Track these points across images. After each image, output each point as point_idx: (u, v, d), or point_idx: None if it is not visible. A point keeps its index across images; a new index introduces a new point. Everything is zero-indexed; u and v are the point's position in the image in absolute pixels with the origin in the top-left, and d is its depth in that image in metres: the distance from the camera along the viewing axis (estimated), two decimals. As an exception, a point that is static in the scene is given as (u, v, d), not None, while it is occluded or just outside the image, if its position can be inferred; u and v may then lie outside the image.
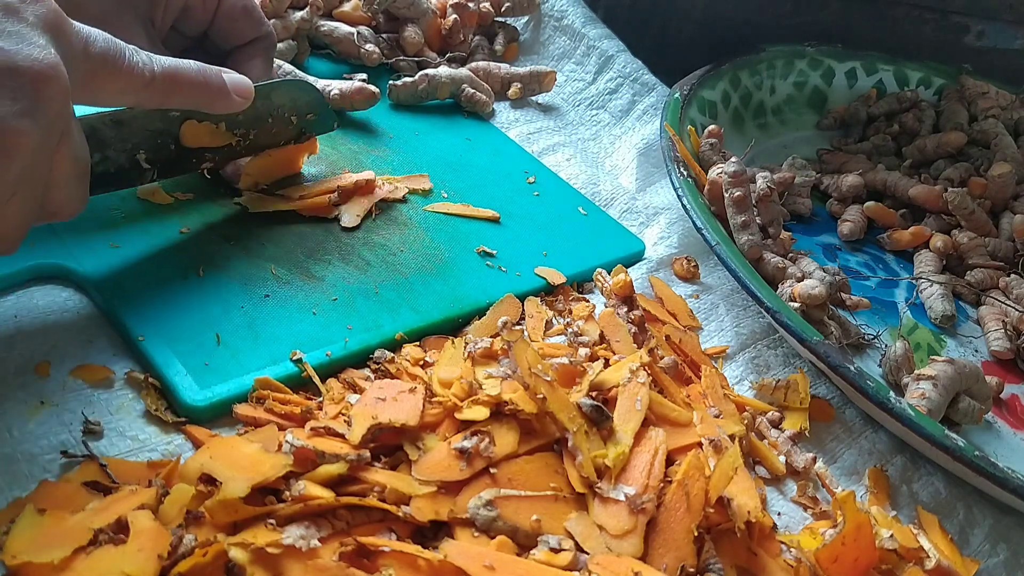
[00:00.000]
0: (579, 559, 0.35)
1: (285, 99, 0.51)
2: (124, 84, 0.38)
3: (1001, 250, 0.67)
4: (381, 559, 0.33)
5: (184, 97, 0.42)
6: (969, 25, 0.86)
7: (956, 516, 0.47)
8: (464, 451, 0.37)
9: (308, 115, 0.53)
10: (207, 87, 0.43)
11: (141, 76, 0.38)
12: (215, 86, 0.43)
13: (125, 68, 0.37)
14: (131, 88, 0.38)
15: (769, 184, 0.58)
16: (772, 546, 0.39)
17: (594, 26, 0.78)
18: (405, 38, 0.70)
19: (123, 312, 0.42)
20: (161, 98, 0.41)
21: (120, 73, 0.37)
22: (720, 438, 0.41)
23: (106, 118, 0.43)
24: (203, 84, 0.42)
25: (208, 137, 0.48)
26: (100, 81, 0.37)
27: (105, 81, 0.37)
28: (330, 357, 0.43)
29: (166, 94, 0.40)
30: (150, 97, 0.40)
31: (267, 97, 0.50)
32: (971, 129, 0.77)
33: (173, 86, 0.40)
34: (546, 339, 0.47)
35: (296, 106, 0.52)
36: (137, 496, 0.33)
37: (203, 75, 0.42)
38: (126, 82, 0.38)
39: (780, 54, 0.78)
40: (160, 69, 0.39)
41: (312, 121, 0.53)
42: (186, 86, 0.41)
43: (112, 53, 0.37)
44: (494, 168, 0.62)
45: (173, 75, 0.40)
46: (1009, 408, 0.56)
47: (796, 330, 0.47)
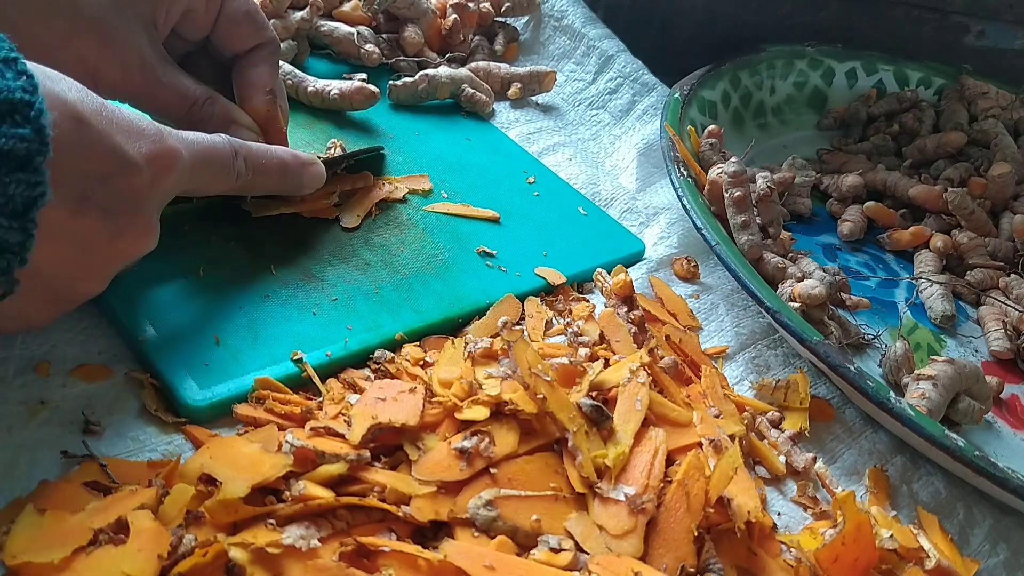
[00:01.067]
0: (579, 559, 0.35)
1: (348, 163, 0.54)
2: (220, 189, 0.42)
3: (1001, 250, 0.67)
4: (381, 559, 0.33)
5: (265, 187, 0.45)
6: (969, 25, 0.86)
7: (956, 516, 0.47)
8: (464, 451, 0.37)
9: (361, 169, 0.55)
10: (286, 178, 0.46)
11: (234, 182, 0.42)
12: (293, 178, 0.46)
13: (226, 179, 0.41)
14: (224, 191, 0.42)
15: (769, 184, 0.58)
16: (772, 546, 0.39)
17: (594, 26, 0.78)
18: (405, 38, 0.70)
19: (123, 312, 0.42)
20: (244, 191, 0.44)
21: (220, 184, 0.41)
22: (720, 438, 0.41)
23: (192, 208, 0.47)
24: (283, 176, 0.46)
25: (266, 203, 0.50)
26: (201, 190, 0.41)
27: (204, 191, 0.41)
28: (330, 357, 0.43)
29: (249, 188, 0.44)
30: (234, 190, 0.43)
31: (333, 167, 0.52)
32: (971, 129, 0.77)
33: (258, 184, 0.44)
34: (546, 339, 0.47)
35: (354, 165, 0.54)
36: (137, 496, 0.33)
37: (286, 168, 0.46)
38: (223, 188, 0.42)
39: (780, 54, 0.78)
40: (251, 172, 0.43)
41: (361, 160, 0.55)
42: (268, 181, 0.45)
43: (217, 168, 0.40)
44: (494, 168, 0.62)
45: (261, 174, 0.44)
46: (1009, 408, 0.56)
47: (796, 330, 0.47)
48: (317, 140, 0.58)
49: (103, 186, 0.33)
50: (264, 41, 0.50)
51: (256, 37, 0.50)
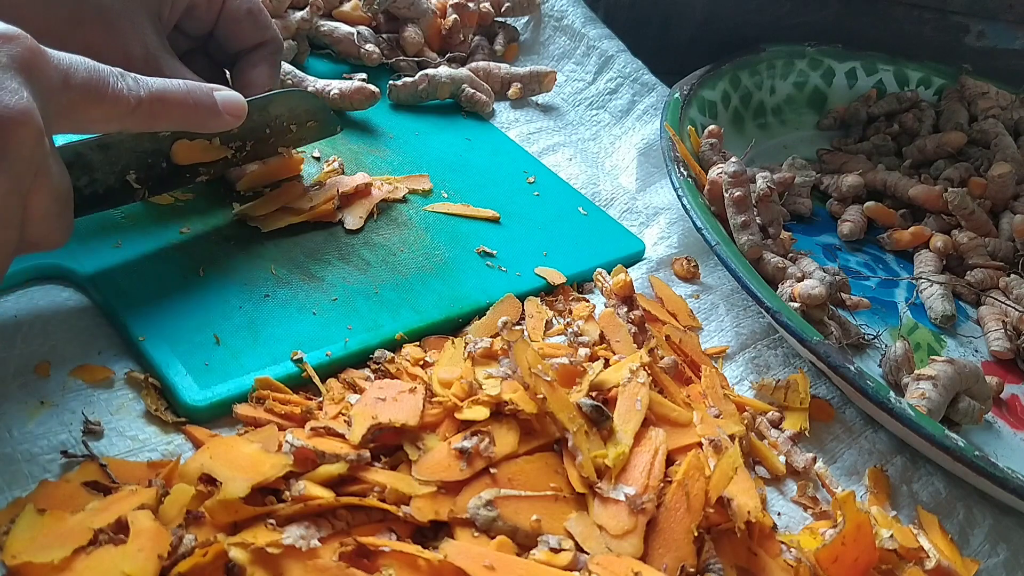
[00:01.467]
0: (579, 559, 0.35)
1: (283, 109, 0.50)
2: (108, 111, 0.37)
3: (1001, 250, 0.67)
4: (381, 559, 0.33)
5: (172, 120, 0.41)
6: (969, 25, 0.86)
7: (956, 516, 0.47)
8: (464, 451, 0.37)
9: (308, 123, 0.52)
10: (196, 108, 0.41)
11: (126, 102, 0.37)
12: (205, 106, 0.42)
13: (109, 96, 0.36)
14: (116, 115, 0.37)
15: (769, 184, 0.58)
16: (772, 546, 0.39)
17: (594, 26, 0.78)
18: (405, 38, 0.70)
19: (123, 312, 0.42)
20: (148, 122, 0.39)
21: (104, 101, 0.36)
22: (720, 438, 0.41)
23: (92, 143, 0.42)
24: (191, 105, 0.41)
25: (201, 153, 0.46)
26: (83, 110, 0.36)
27: (88, 110, 0.36)
28: (330, 357, 0.43)
29: (153, 118, 0.39)
30: (137, 122, 0.39)
31: (263, 110, 0.48)
32: (971, 129, 0.77)
33: (160, 110, 0.39)
34: (546, 339, 0.47)
35: (295, 115, 0.51)
36: (137, 496, 0.33)
37: (192, 96, 0.41)
38: (110, 109, 0.37)
39: (780, 54, 0.78)
40: (146, 93, 0.38)
41: (313, 128, 0.53)
42: (174, 108, 0.40)
43: (95, 82, 0.36)
44: (494, 168, 0.62)
45: (160, 98, 0.39)
46: (1009, 408, 0.56)
47: (796, 330, 0.47)
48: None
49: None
50: (266, 40, 0.50)
51: (258, 35, 0.49)
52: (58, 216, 0.36)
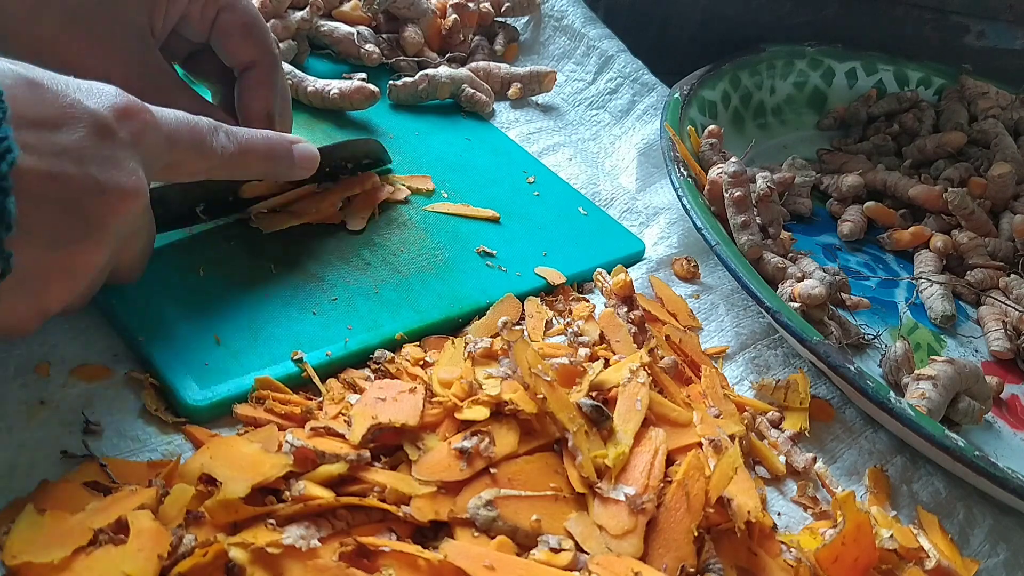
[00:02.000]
0: (579, 559, 0.35)
1: (347, 154, 0.53)
2: (203, 166, 0.40)
3: (1001, 250, 0.67)
4: (381, 559, 0.33)
5: (254, 170, 0.44)
6: (969, 25, 0.86)
7: (956, 516, 0.47)
8: (464, 451, 0.37)
9: (365, 160, 0.54)
10: (276, 160, 0.44)
11: (218, 158, 0.40)
12: (283, 159, 0.44)
13: (207, 154, 0.39)
14: (207, 168, 0.40)
15: (769, 184, 0.58)
16: (772, 546, 0.39)
17: (594, 26, 0.78)
18: (405, 38, 0.70)
19: (123, 312, 0.42)
20: (232, 173, 0.43)
21: (201, 159, 0.39)
22: (720, 438, 0.41)
23: (176, 186, 0.44)
24: (272, 158, 0.44)
25: (266, 189, 0.49)
26: (181, 168, 0.39)
27: (187, 167, 0.39)
28: (330, 357, 0.43)
29: (237, 169, 0.42)
30: (222, 173, 0.41)
31: (330, 155, 0.50)
32: (971, 129, 0.77)
33: (244, 162, 0.42)
34: (546, 339, 0.47)
35: (355, 156, 0.54)
36: (137, 496, 0.33)
37: (273, 150, 0.44)
38: (205, 164, 0.40)
39: (780, 54, 0.78)
40: (235, 148, 0.41)
41: (367, 164, 0.55)
42: (257, 161, 0.43)
43: (196, 142, 0.38)
44: (494, 168, 0.62)
45: (246, 151, 0.42)
46: (1009, 408, 0.56)
47: (796, 330, 0.47)
48: (317, 140, 0.58)
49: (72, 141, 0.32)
50: (259, 58, 0.48)
51: (251, 52, 0.48)
52: (140, 264, 0.40)
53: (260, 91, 0.48)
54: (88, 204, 0.32)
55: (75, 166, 0.32)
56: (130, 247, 0.38)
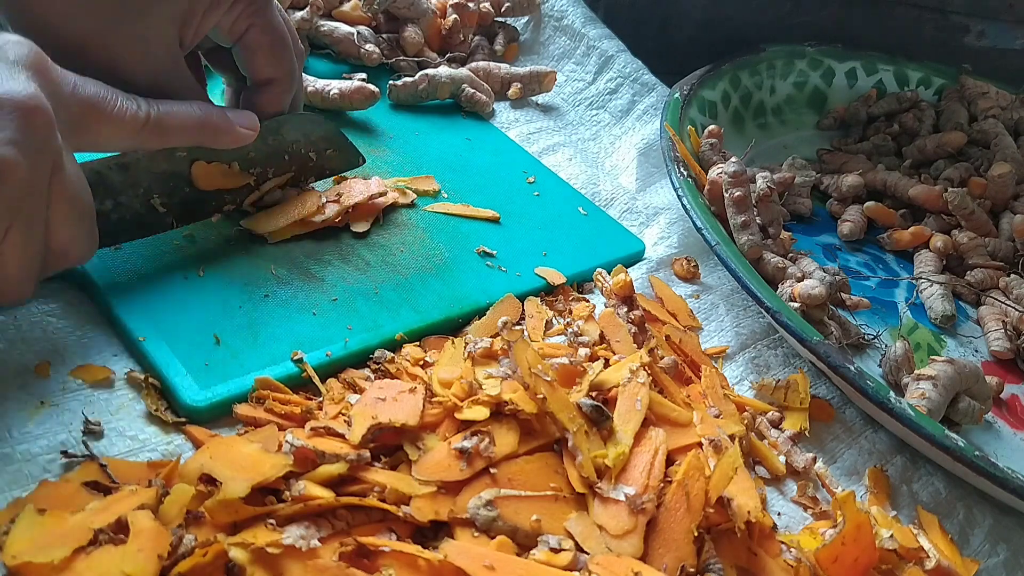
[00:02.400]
0: (579, 559, 0.35)
1: (297, 134, 0.50)
2: (116, 127, 0.38)
3: (1001, 250, 0.67)
4: (381, 559, 0.33)
5: (183, 133, 0.42)
6: (969, 25, 0.86)
7: (956, 516, 0.47)
8: (464, 451, 0.37)
9: (327, 150, 0.52)
10: (206, 121, 0.43)
11: (134, 118, 0.39)
12: (216, 121, 0.43)
13: (116, 111, 0.38)
14: (125, 131, 0.39)
15: (769, 184, 0.58)
16: (772, 546, 0.39)
17: (594, 26, 0.78)
18: (405, 38, 0.70)
19: (123, 312, 0.42)
20: (159, 138, 0.41)
21: (110, 116, 0.38)
22: (720, 438, 0.41)
23: (110, 163, 0.43)
24: (201, 118, 0.42)
25: (222, 178, 0.47)
26: (90, 123, 0.37)
27: (95, 123, 0.37)
28: (330, 357, 0.43)
29: (163, 133, 0.41)
30: (146, 139, 0.40)
31: (276, 132, 0.48)
32: (971, 129, 0.77)
33: (169, 127, 0.41)
34: (546, 339, 0.47)
35: (311, 141, 0.51)
36: (137, 496, 0.33)
37: (202, 109, 0.43)
38: (118, 125, 0.38)
39: (780, 54, 0.78)
40: (155, 112, 0.40)
41: (333, 157, 0.52)
42: (184, 122, 0.41)
43: (100, 96, 0.37)
44: (494, 168, 0.62)
45: (168, 117, 0.40)
46: (1009, 408, 0.56)
47: (796, 330, 0.47)
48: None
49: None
50: (278, 77, 0.48)
51: (271, 71, 0.48)
52: (79, 221, 0.37)
53: (270, 108, 0.48)
54: None
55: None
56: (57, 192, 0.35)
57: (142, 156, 0.43)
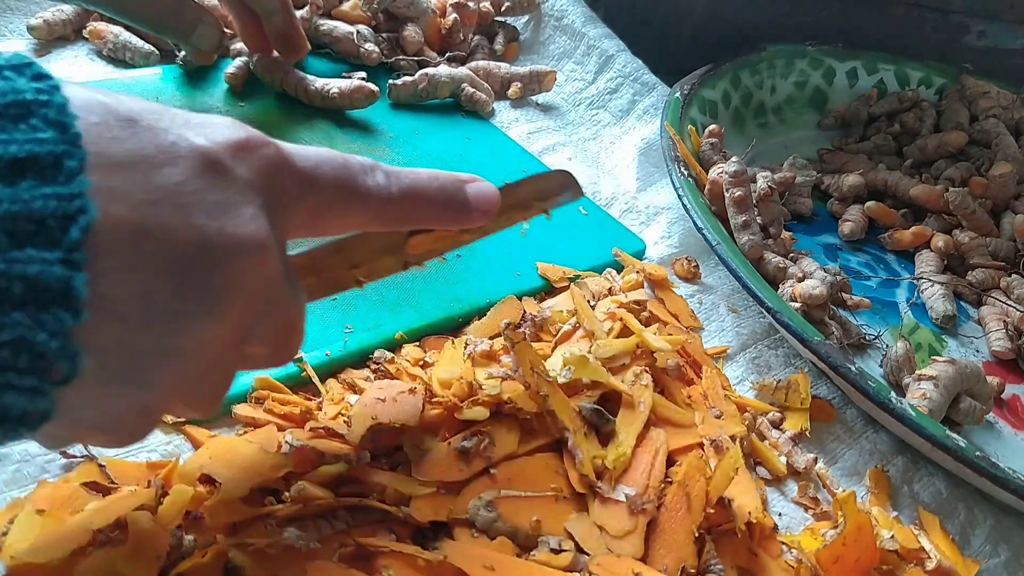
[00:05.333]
0: (579, 560, 0.35)
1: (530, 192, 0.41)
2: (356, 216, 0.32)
3: (1002, 250, 0.67)
4: (381, 560, 0.33)
5: (422, 218, 0.34)
6: (970, 25, 0.86)
7: (957, 517, 0.46)
8: (464, 451, 0.36)
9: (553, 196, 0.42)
10: (448, 205, 0.34)
11: (376, 202, 0.32)
12: (457, 203, 0.34)
13: (360, 195, 0.31)
14: (363, 219, 0.32)
15: (770, 184, 0.58)
16: (773, 547, 0.39)
17: (594, 25, 0.78)
18: (405, 37, 0.70)
19: (122, 312, 0.41)
20: (396, 222, 0.34)
21: (353, 203, 0.31)
22: (721, 439, 0.41)
23: (329, 247, 0.36)
24: (443, 203, 0.34)
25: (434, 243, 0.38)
26: (328, 217, 0.31)
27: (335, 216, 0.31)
28: (329, 357, 0.43)
29: (402, 219, 0.34)
30: (383, 224, 0.33)
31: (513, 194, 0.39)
32: (972, 129, 0.77)
33: (411, 210, 0.33)
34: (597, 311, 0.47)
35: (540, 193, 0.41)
36: (136, 497, 0.33)
37: (444, 191, 0.34)
38: (359, 213, 0.32)
39: (781, 54, 0.78)
40: (398, 190, 0.32)
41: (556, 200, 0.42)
42: (425, 207, 0.33)
43: (344, 181, 0.31)
44: (494, 168, 0.62)
45: (413, 195, 0.33)
46: (1010, 408, 0.56)
47: (797, 330, 0.47)
48: (316, 139, 0.58)
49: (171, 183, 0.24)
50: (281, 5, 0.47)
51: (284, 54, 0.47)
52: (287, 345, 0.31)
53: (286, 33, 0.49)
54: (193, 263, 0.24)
55: (175, 214, 0.24)
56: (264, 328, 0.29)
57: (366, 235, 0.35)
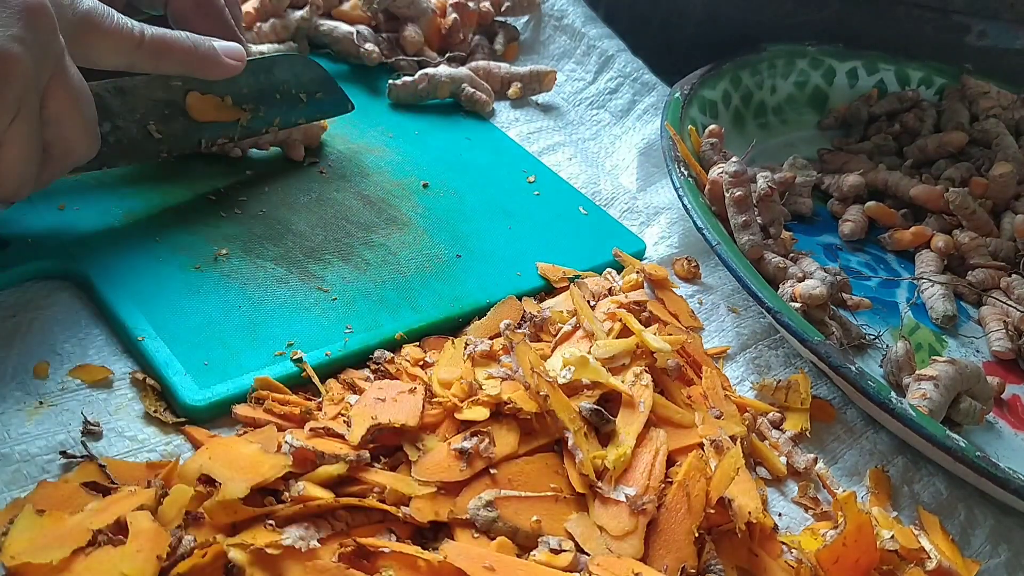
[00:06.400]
0: (579, 560, 0.35)
1: (288, 74, 0.52)
2: (113, 43, 0.40)
3: (1002, 250, 0.67)
4: (381, 560, 0.33)
5: (176, 60, 0.44)
6: (970, 25, 0.86)
7: (957, 517, 0.46)
8: (464, 451, 0.36)
9: (316, 93, 0.54)
10: (196, 50, 0.44)
11: (130, 36, 0.41)
12: (204, 50, 0.45)
13: (113, 27, 0.40)
14: (121, 48, 0.41)
15: (770, 184, 0.58)
16: (773, 547, 0.39)
17: (594, 25, 0.78)
18: (405, 37, 0.70)
19: (123, 312, 0.42)
20: (152, 60, 0.43)
21: (108, 31, 0.40)
22: (721, 439, 0.41)
23: (109, 86, 0.44)
24: (192, 47, 0.44)
25: (215, 111, 0.48)
26: (89, 37, 0.39)
27: (94, 37, 0.40)
28: (329, 357, 0.43)
29: (157, 56, 0.43)
30: (141, 58, 0.42)
31: (268, 71, 0.50)
32: (972, 129, 0.77)
33: (163, 48, 0.43)
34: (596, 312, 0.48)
35: (301, 83, 0.53)
36: (136, 497, 0.33)
37: (192, 39, 0.44)
38: (115, 41, 0.40)
39: (781, 53, 0.78)
40: (150, 32, 0.42)
41: (323, 100, 0.54)
42: (176, 49, 0.43)
43: (99, 12, 0.39)
44: (494, 168, 0.62)
45: (162, 37, 0.42)
46: (1010, 408, 0.56)
47: (797, 330, 0.47)
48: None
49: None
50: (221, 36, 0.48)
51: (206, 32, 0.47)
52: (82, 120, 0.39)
53: None
54: None
55: None
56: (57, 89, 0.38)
57: (139, 82, 0.45)
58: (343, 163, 0.57)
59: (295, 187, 0.53)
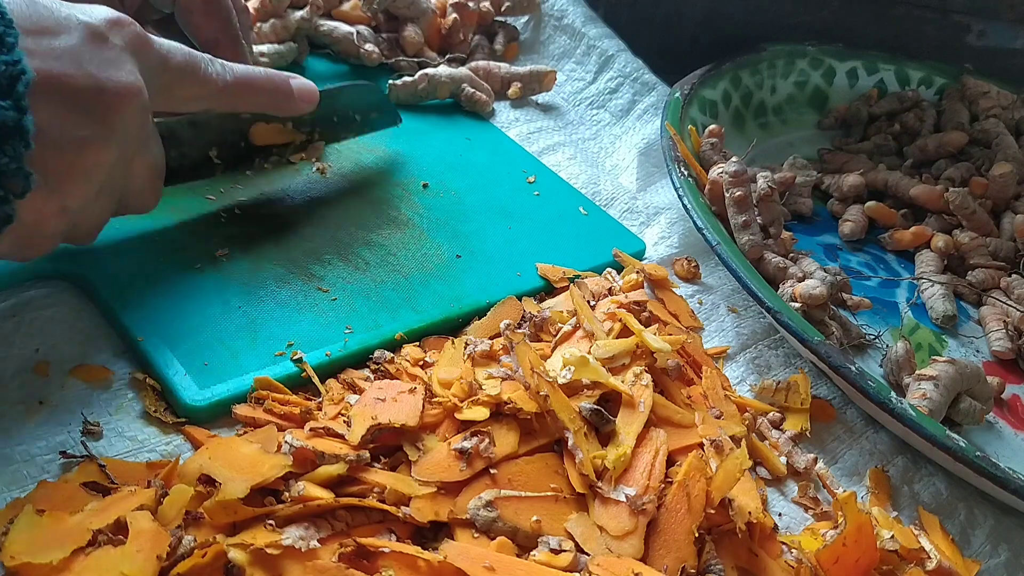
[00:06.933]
0: (579, 560, 0.35)
1: (350, 100, 0.55)
2: (200, 91, 0.42)
3: (1002, 250, 0.67)
4: (381, 560, 0.33)
5: (254, 102, 0.46)
6: (970, 25, 0.86)
7: (957, 517, 0.46)
8: (464, 451, 0.36)
9: (371, 113, 0.57)
10: (274, 92, 0.46)
11: (215, 84, 0.42)
12: (282, 91, 0.47)
13: (201, 78, 0.41)
14: (206, 95, 0.42)
15: (770, 184, 0.58)
16: (773, 547, 0.39)
17: (594, 25, 0.78)
18: (405, 38, 0.70)
19: (123, 312, 0.42)
20: (233, 103, 0.45)
21: (196, 82, 0.41)
22: (721, 439, 0.41)
23: (183, 121, 0.46)
24: (271, 90, 0.46)
25: (276, 135, 0.51)
26: (178, 90, 0.41)
27: (183, 90, 0.41)
28: (329, 357, 0.43)
29: (237, 99, 0.44)
30: (222, 102, 0.44)
31: (333, 99, 0.53)
32: (972, 129, 0.77)
33: (244, 92, 0.44)
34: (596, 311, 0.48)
35: (360, 106, 0.56)
36: (136, 497, 0.33)
37: (271, 81, 0.46)
38: (201, 89, 0.42)
39: (781, 53, 0.78)
40: (232, 78, 0.43)
41: (375, 118, 0.58)
42: (255, 92, 0.45)
43: (190, 65, 0.41)
44: (494, 168, 0.62)
45: (244, 82, 0.44)
46: (1010, 408, 0.56)
47: (797, 330, 0.47)
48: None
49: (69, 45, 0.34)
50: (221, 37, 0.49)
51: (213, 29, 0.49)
52: (152, 184, 0.42)
53: None
54: (90, 101, 0.34)
55: (74, 66, 0.34)
56: (140, 164, 0.40)
57: (213, 116, 0.47)
58: (343, 163, 0.57)
59: (295, 187, 0.54)
